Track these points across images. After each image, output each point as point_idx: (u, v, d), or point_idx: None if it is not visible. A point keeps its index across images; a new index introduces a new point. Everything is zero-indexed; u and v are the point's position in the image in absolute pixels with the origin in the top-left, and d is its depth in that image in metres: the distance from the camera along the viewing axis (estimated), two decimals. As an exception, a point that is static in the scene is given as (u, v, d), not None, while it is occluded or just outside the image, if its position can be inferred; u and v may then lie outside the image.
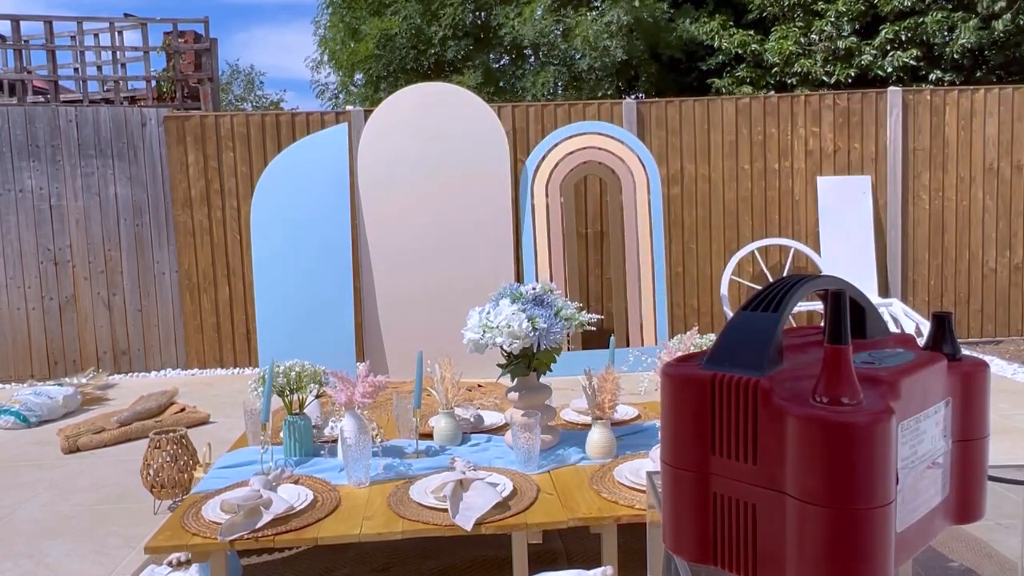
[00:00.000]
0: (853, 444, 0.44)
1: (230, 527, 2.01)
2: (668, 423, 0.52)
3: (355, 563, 2.61)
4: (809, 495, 0.45)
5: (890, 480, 0.45)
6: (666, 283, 5.81)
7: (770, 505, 0.47)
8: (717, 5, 10.42)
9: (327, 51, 11.82)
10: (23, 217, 6.13)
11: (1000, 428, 4.10)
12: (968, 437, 0.57)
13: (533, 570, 2.08)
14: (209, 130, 6.26)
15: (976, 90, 6.50)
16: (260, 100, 21.32)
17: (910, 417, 0.50)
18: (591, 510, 2.09)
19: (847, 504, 0.44)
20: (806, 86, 9.35)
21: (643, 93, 10.71)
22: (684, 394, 0.50)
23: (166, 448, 3.10)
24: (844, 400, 0.46)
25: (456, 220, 5.60)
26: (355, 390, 2.39)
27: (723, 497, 0.50)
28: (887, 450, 0.45)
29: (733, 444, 0.49)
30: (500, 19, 9.87)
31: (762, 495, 0.47)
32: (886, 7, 9.00)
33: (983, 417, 0.60)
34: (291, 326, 5.23)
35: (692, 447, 0.51)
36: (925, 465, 0.51)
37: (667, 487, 0.53)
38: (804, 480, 0.45)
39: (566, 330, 2.52)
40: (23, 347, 6.22)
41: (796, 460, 0.45)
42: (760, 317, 0.54)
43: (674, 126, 6.42)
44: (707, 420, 0.50)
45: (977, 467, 0.58)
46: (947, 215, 6.52)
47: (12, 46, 7.06)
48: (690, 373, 0.46)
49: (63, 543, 2.94)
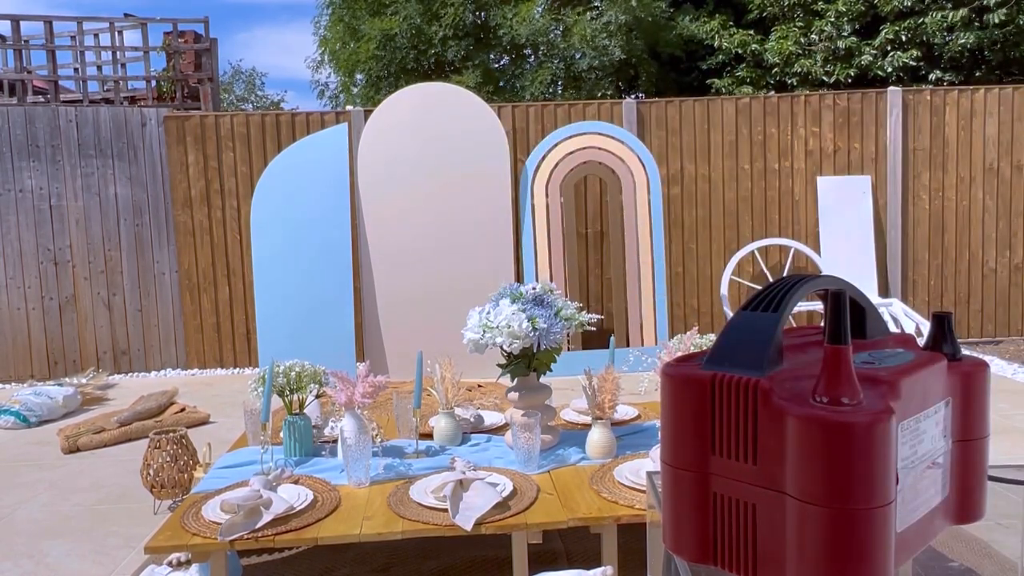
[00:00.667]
0: (853, 444, 0.44)
1: (230, 527, 2.01)
2: (668, 423, 0.52)
3: (355, 563, 2.61)
4: (809, 495, 0.45)
5: (890, 480, 0.45)
6: (666, 283, 5.82)
7: (770, 505, 0.47)
8: (717, 5, 10.42)
9: (327, 51, 11.82)
10: (23, 217, 6.13)
11: (1000, 428, 4.10)
12: (968, 437, 0.57)
13: (533, 570, 2.08)
14: (209, 130, 6.26)
15: (976, 90, 6.50)
16: (261, 100, 21.32)
17: (910, 417, 0.50)
18: (591, 510, 2.09)
19: (847, 504, 0.44)
20: (806, 86, 9.35)
21: (643, 93, 10.71)
22: (684, 394, 0.50)
23: (166, 448, 3.11)
24: (844, 400, 0.46)
25: (456, 220, 5.60)
26: (355, 390, 2.39)
27: (723, 497, 0.50)
28: (887, 450, 0.45)
29: (733, 444, 0.49)
30: (499, 19, 9.87)
31: (762, 495, 0.47)
32: (886, 7, 9.00)
33: (983, 417, 0.60)
34: (291, 326, 5.23)
35: (692, 447, 0.51)
36: (925, 465, 0.51)
37: (667, 487, 0.53)
38: (804, 480, 0.45)
39: (566, 330, 2.52)
40: (23, 347, 6.22)
41: (796, 460, 0.45)
42: (760, 317, 0.54)
43: (674, 126, 6.42)
44: (707, 420, 0.50)
45: (977, 467, 0.59)
46: (947, 215, 6.52)
47: (12, 46, 7.06)
48: (690, 373, 0.46)
49: (63, 543, 2.94)
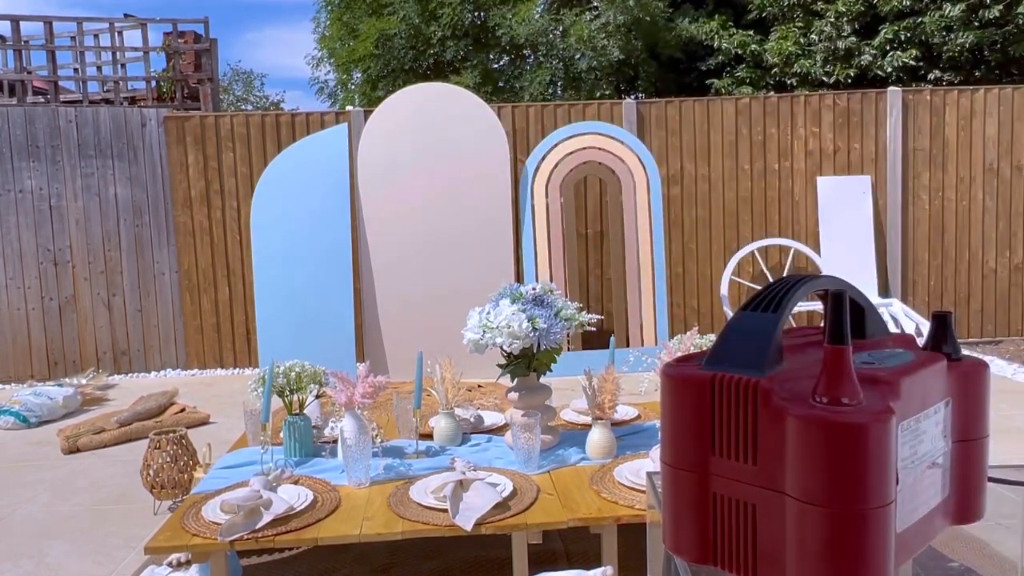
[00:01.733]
0: (853, 444, 0.44)
1: (230, 527, 2.01)
2: (668, 423, 0.52)
3: (355, 563, 2.61)
4: (809, 495, 0.45)
5: (890, 480, 0.45)
6: (666, 283, 5.82)
7: (770, 506, 0.47)
8: (717, 5, 10.42)
9: (326, 49, 11.83)
10: (23, 217, 6.13)
11: (1000, 428, 4.10)
12: (968, 437, 0.57)
13: (533, 570, 2.08)
14: (209, 130, 6.26)
15: (976, 90, 6.50)
16: (260, 100, 21.32)
17: (910, 417, 0.50)
18: (591, 510, 2.09)
19: (847, 505, 0.44)
20: (806, 86, 9.35)
21: (642, 93, 10.71)
22: (684, 394, 0.50)
23: (166, 448, 3.11)
24: (844, 400, 0.46)
25: (456, 220, 5.60)
26: (355, 390, 2.39)
27: (723, 497, 0.50)
28: (887, 450, 0.45)
29: (733, 444, 0.49)
30: (497, 19, 9.86)
31: (762, 495, 0.47)
32: (886, 7, 9.00)
33: (983, 417, 0.60)
34: (291, 326, 5.23)
35: (692, 447, 0.51)
36: (925, 465, 0.51)
37: (667, 487, 0.53)
38: (804, 480, 0.45)
39: (566, 330, 2.52)
40: (23, 347, 6.21)
41: (796, 461, 0.45)
42: (760, 317, 0.54)
43: (674, 126, 6.42)
44: (707, 420, 0.50)
45: (977, 467, 0.58)
46: (947, 215, 6.52)
47: (12, 46, 7.06)
48: (690, 373, 0.46)
49: (63, 543, 2.94)
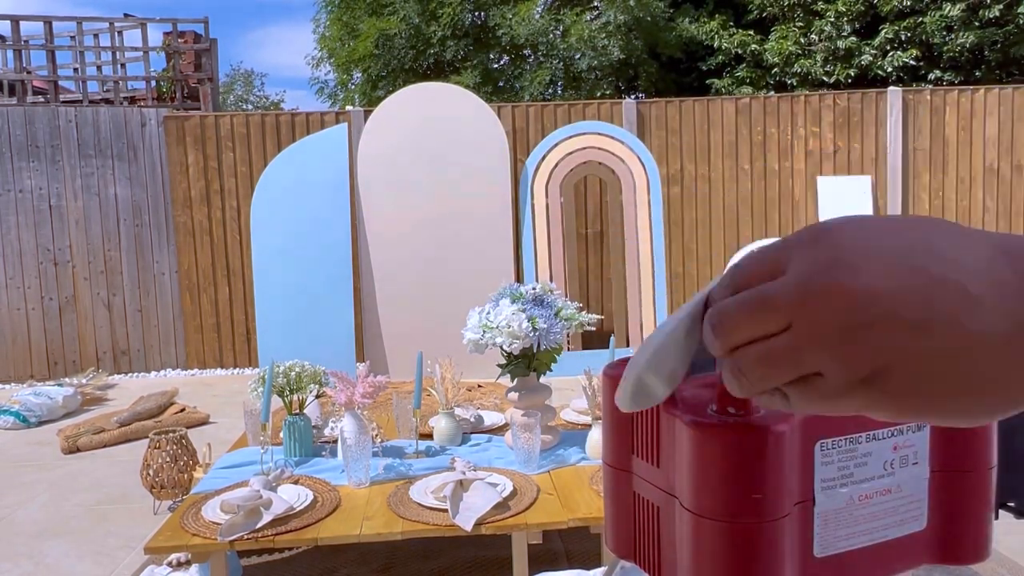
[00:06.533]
0: (722, 454, 0.43)
1: (230, 527, 2.01)
2: (604, 423, 0.53)
3: (355, 563, 2.61)
4: (687, 501, 0.45)
5: (778, 496, 0.43)
6: (666, 283, 5.81)
7: (669, 509, 0.47)
8: (717, 5, 10.42)
9: (326, 49, 11.83)
10: (23, 217, 6.13)
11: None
12: (958, 467, 0.49)
13: (533, 570, 2.07)
14: (209, 130, 6.26)
15: (976, 90, 6.50)
16: (260, 100, 21.33)
17: (841, 437, 0.47)
18: (591, 510, 2.09)
19: (715, 514, 0.43)
20: (806, 86, 9.35)
21: (642, 93, 10.70)
22: (613, 395, 0.51)
23: (166, 448, 3.11)
24: (730, 411, 0.44)
25: (456, 220, 5.59)
26: (355, 390, 2.39)
27: (640, 497, 0.51)
28: (765, 464, 0.43)
29: (644, 445, 0.50)
30: (498, 19, 9.86)
31: (664, 498, 0.48)
32: (886, 7, 9.00)
33: (979, 444, 0.49)
34: (291, 326, 5.23)
35: (619, 446, 0.52)
36: (875, 491, 0.48)
37: (604, 486, 0.54)
38: (684, 485, 0.45)
39: (566, 330, 2.51)
40: (23, 347, 6.21)
41: (680, 465, 0.45)
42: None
43: (674, 126, 6.41)
44: (629, 420, 0.51)
45: (971, 502, 0.50)
46: (947, 215, 6.51)
47: (12, 46, 7.06)
48: (618, 374, 0.46)
49: (63, 543, 2.94)
